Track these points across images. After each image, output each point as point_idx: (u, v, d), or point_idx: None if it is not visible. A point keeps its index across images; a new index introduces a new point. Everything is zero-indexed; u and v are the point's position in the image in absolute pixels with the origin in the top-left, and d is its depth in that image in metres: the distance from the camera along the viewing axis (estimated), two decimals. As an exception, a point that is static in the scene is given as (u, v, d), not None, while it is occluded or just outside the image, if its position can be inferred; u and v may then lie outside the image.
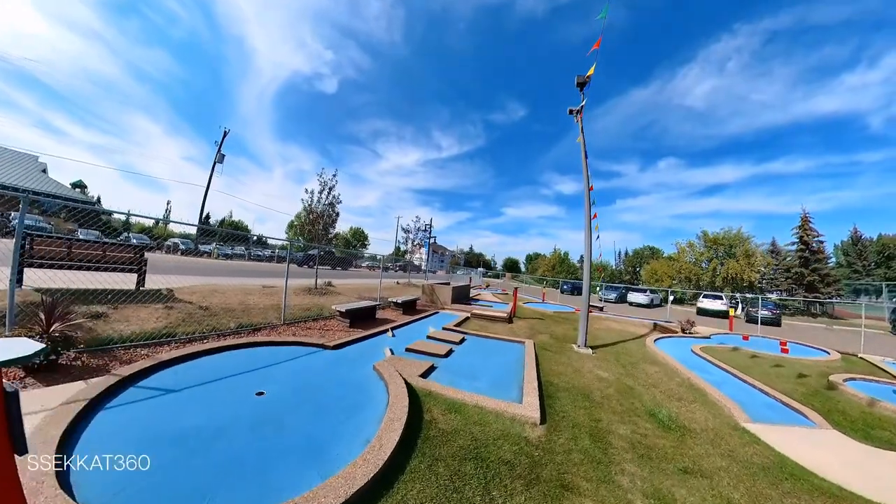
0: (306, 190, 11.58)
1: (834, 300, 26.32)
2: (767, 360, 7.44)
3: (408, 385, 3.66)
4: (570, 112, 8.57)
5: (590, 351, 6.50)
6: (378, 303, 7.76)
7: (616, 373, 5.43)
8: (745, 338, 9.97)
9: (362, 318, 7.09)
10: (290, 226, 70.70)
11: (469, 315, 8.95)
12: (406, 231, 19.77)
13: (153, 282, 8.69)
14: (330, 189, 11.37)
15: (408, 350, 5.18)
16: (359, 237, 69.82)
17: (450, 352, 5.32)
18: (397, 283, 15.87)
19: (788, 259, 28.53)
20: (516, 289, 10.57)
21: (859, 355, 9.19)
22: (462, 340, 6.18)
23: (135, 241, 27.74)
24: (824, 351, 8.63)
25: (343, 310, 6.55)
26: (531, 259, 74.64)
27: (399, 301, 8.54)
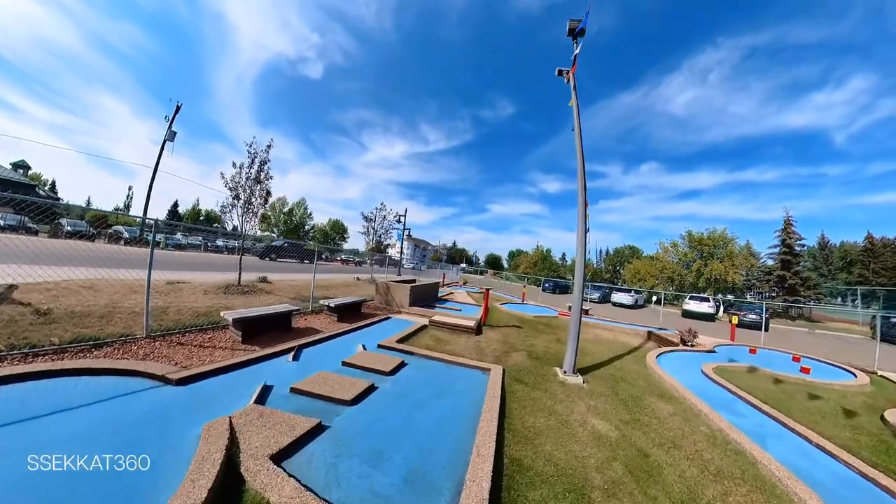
0: (234, 164, 9.37)
1: (810, 304, 26.11)
2: (795, 388, 5.92)
3: (220, 487, 1.74)
4: (560, 73, 6.77)
5: (580, 380, 4.72)
6: (297, 308, 5.74)
7: (619, 421, 3.67)
8: (753, 351, 8.54)
9: (265, 330, 5.08)
10: (263, 217, 67.35)
11: (427, 323, 7.05)
12: (368, 220, 17.36)
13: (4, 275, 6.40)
14: (262, 164, 9.16)
15: (293, 391, 3.23)
16: (338, 230, 66.90)
17: (366, 392, 3.40)
18: (357, 278, 13.80)
19: (772, 262, 28.12)
20: (487, 290, 8.58)
21: (879, 373, 7.90)
22: (398, 368, 4.28)
23: (68, 227, 24.53)
24: (850, 372, 7.25)
25: (231, 318, 4.53)
26: (514, 256, 73.47)
27: (332, 304, 6.54)
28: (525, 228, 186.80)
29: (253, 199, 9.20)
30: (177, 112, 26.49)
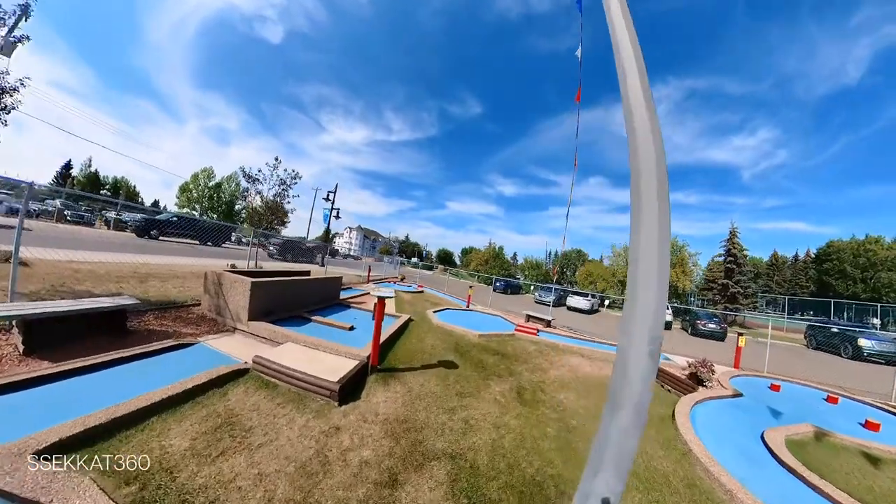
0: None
1: (743, 313, 26.78)
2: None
3: None
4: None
5: None
6: None
7: None
8: (776, 388, 6.13)
9: None
10: (182, 189, 56.86)
11: (249, 365, 3.34)
12: (251, 179, 12.48)
13: None
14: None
15: None
16: (276, 211, 58.81)
17: None
18: (232, 266, 9.52)
19: (715, 270, 28.59)
20: (381, 300, 3.87)
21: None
22: None
23: None
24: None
25: None
26: (466, 252, 71.24)
27: (15, 315, 2.59)
28: (480, 228, 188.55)
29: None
30: (21, 18, 19.12)
